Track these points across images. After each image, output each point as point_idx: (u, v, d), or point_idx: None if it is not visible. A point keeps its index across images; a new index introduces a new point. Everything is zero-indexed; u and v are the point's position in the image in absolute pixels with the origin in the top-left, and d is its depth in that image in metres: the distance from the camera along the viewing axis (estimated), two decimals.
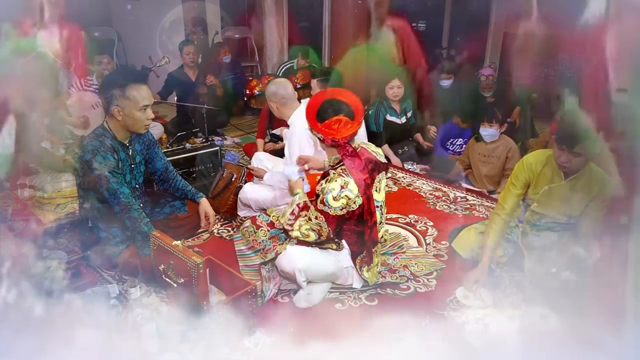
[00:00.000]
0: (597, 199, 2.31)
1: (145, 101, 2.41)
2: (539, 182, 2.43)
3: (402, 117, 4.41)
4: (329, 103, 2.24)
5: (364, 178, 2.24)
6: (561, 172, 2.35)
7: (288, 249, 2.34)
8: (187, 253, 2.13)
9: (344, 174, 2.24)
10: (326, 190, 2.21)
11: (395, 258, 2.66)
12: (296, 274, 2.30)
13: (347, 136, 2.22)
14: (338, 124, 2.20)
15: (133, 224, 2.44)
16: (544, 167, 2.41)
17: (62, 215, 3.08)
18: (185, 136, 4.52)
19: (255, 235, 2.43)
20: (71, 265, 2.68)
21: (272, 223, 2.44)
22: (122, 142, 2.51)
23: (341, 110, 2.22)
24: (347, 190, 2.20)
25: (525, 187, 2.48)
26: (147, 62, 4.51)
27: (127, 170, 2.54)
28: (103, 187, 2.40)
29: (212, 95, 5.02)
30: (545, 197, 2.41)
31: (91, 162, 2.36)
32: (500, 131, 3.64)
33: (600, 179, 2.31)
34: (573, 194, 2.34)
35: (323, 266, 2.38)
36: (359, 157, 2.28)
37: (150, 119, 2.48)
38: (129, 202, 2.42)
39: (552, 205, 2.41)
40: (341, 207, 2.21)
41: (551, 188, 2.38)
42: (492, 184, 3.72)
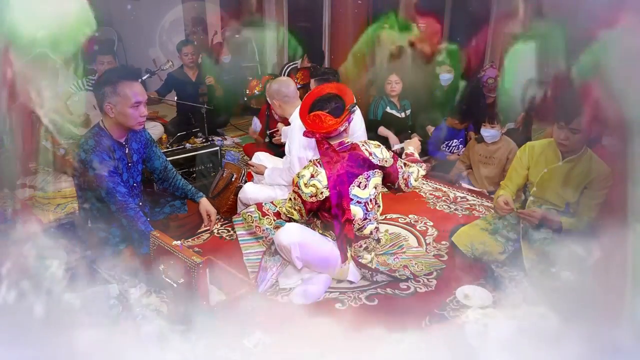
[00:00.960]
0: (592, 185, 2.43)
1: (138, 97, 2.40)
2: (538, 164, 2.58)
3: (401, 112, 4.49)
4: (320, 97, 2.38)
5: (338, 173, 2.34)
6: (559, 154, 2.51)
7: (288, 224, 2.45)
8: (187, 253, 2.13)
9: (317, 164, 2.37)
10: (300, 175, 2.37)
11: (395, 258, 2.66)
12: (292, 247, 2.36)
13: (325, 132, 2.33)
14: (318, 119, 2.33)
15: (129, 222, 2.45)
16: (544, 150, 2.58)
17: (62, 215, 3.08)
18: (185, 136, 4.52)
19: (260, 222, 2.49)
20: (71, 265, 2.68)
21: (278, 213, 2.52)
22: (118, 140, 2.51)
23: (326, 107, 2.34)
24: (315, 179, 2.33)
25: (527, 168, 2.65)
26: (147, 62, 4.52)
27: (124, 169, 2.54)
28: (99, 186, 2.40)
29: (212, 95, 5.02)
30: (544, 180, 2.54)
31: (87, 161, 2.37)
32: (501, 132, 3.64)
33: (597, 166, 2.44)
34: (570, 178, 2.48)
35: (319, 248, 2.44)
36: (337, 155, 2.38)
37: (144, 116, 2.47)
38: (125, 201, 2.43)
39: (550, 188, 2.53)
40: (310, 194, 2.34)
41: (550, 170, 2.52)
42: (492, 184, 3.72)
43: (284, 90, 3.05)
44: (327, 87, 2.47)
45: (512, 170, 2.73)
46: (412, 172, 2.60)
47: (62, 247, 2.88)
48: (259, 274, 2.50)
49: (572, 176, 2.47)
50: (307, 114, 2.38)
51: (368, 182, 2.42)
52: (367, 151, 2.44)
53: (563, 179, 2.48)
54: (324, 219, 2.45)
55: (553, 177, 2.51)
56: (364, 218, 2.43)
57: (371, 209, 2.46)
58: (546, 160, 2.56)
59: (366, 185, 2.41)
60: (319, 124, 2.32)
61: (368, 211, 2.44)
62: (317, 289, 2.44)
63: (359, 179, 2.39)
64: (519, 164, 2.68)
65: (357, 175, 2.39)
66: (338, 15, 5.68)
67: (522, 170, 2.67)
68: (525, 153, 2.66)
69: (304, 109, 2.40)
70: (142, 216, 2.47)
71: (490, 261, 2.58)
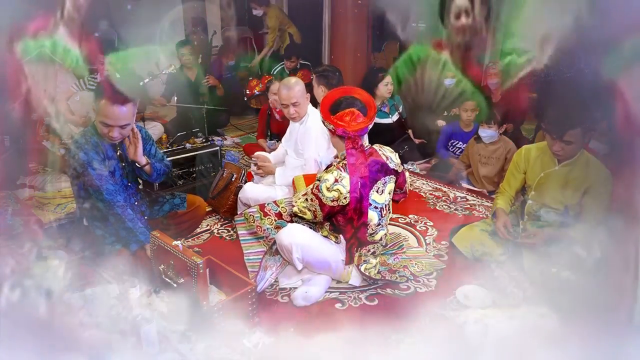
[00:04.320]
0: (593, 189, 2.39)
1: (109, 120, 2.38)
2: (534, 169, 2.56)
3: (393, 114, 4.33)
4: (343, 98, 2.37)
5: (361, 176, 2.29)
6: (555, 159, 2.48)
7: (290, 225, 2.44)
8: (187, 253, 2.13)
9: (341, 168, 2.31)
10: (322, 179, 2.30)
11: (395, 258, 2.66)
12: (293, 248, 2.36)
13: (358, 130, 2.29)
14: (350, 116, 2.30)
15: (117, 220, 2.50)
16: (539, 155, 2.56)
17: (62, 215, 3.09)
18: (185, 136, 4.52)
19: (261, 222, 2.49)
20: (71, 265, 2.67)
21: (279, 213, 2.51)
22: (111, 141, 2.52)
23: (354, 105, 2.34)
24: (339, 184, 2.27)
25: (523, 172, 2.63)
26: (147, 62, 4.51)
27: (117, 169, 2.57)
28: (87, 183, 2.46)
29: (212, 95, 5.02)
30: (541, 184, 2.52)
31: (75, 158, 2.43)
32: (499, 132, 3.64)
33: (595, 169, 2.41)
34: (568, 181, 2.46)
35: (320, 249, 2.43)
36: (364, 154, 2.34)
37: (115, 139, 2.46)
38: (112, 199, 2.48)
39: (547, 193, 2.51)
40: (332, 199, 2.28)
41: (546, 174, 2.50)
42: (490, 184, 3.72)
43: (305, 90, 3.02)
44: (343, 89, 2.46)
45: (509, 175, 2.73)
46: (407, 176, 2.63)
47: (62, 247, 2.89)
48: (259, 273, 2.50)
49: (570, 179, 2.45)
50: (330, 113, 2.34)
51: (384, 188, 2.41)
52: (384, 155, 2.42)
53: (561, 182, 2.47)
54: (337, 222, 2.42)
55: (550, 181, 2.50)
56: (377, 224, 2.42)
57: (384, 215, 2.45)
58: (542, 164, 2.55)
59: (383, 191, 2.40)
60: (355, 122, 2.29)
61: (382, 217, 2.44)
62: (317, 290, 2.44)
63: (377, 184, 2.38)
64: (516, 168, 2.68)
65: (377, 180, 2.37)
66: (338, 15, 5.67)
67: (519, 174, 2.66)
68: (521, 157, 2.65)
69: (326, 108, 2.35)
70: (129, 214, 2.51)
71: (490, 261, 2.58)
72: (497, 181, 3.70)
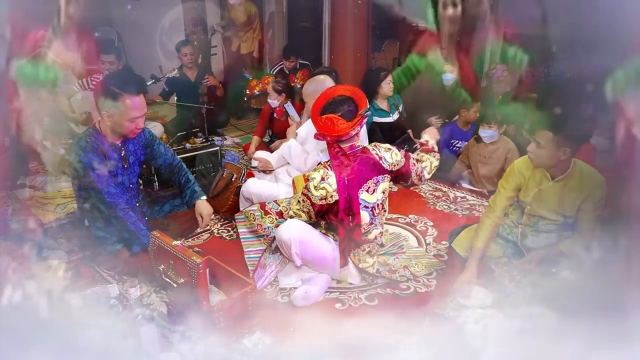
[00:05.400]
0: (590, 198, 2.34)
1: (137, 112, 2.39)
2: (529, 185, 2.46)
3: (393, 113, 4.30)
4: (334, 99, 2.34)
5: (348, 177, 2.31)
6: (548, 174, 2.39)
7: (290, 220, 2.44)
8: (187, 253, 2.13)
9: (328, 167, 2.34)
10: (310, 177, 2.33)
11: (395, 258, 2.66)
12: (292, 243, 2.36)
13: (336, 136, 2.30)
14: (330, 121, 2.29)
15: (119, 223, 2.49)
16: (534, 170, 2.44)
17: (62, 215, 3.09)
18: (185, 136, 4.51)
19: (262, 221, 2.49)
20: (71, 265, 2.68)
21: (280, 212, 2.51)
22: (114, 143, 2.51)
23: (339, 110, 2.30)
24: (325, 182, 2.30)
25: (516, 190, 2.50)
26: (147, 62, 4.51)
27: (119, 171, 2.55)
28: (88, 186, 2.43)
29: (212, 95, 5.02)
30: (537, 199, 2.44)
31: (77, 162, 2.40)
32: (499, 132, 3.64)
33: (590, 178, 2.35)
34: (564, 195, 2.38)
35: (318, 246, 2.43)
36: (348, 158, 2.34)
37: (140, 127, 2.47)
38: (114, 202, 2.45)
39: (544, 207, 2.44)
40: (320, 197, 2.31)
41: (541, 190, 2.42)
42: (490, 184, 3.71)
43: (319, 89, 2.93)
44: (340, 88, 2.44)
45: (497, 195, 2.55)
46: (425, 166, 2.58)
47: (62, 247, 2.89)
48: (257, 271, 2.50)
49: (566, 192, 2.38)
50: (319, 115, 2.34)
51: (377, 187, 2.41)
52: (378, 155, 2.42)
53: (558, 196, 2.39)
54: (330, 221, 2.43)
55: (545, 196, 2.42)
56: (370, 223, 2.42)
57: (378, 214, 2.45)
58: (535, 181, 2.45)
59: (375, 190, 2.40)
60: (331, 127, 2.28)
61: (374, 216, 2.43)
62: (317, 290, 2.44)
63: (368, 183, 2.38)
64: (507, 186, 2.51)
65: (367, 179, 2.37)
66: (338, 15, 5.67)
67: (509, 192, 2.50)
68: (514, 175, 2.49)
69: (316, 110, 2.36)
70: (132, 216, 2.50)
71: (490, 262, 2.57)
72: (497, 181, 3.69)
